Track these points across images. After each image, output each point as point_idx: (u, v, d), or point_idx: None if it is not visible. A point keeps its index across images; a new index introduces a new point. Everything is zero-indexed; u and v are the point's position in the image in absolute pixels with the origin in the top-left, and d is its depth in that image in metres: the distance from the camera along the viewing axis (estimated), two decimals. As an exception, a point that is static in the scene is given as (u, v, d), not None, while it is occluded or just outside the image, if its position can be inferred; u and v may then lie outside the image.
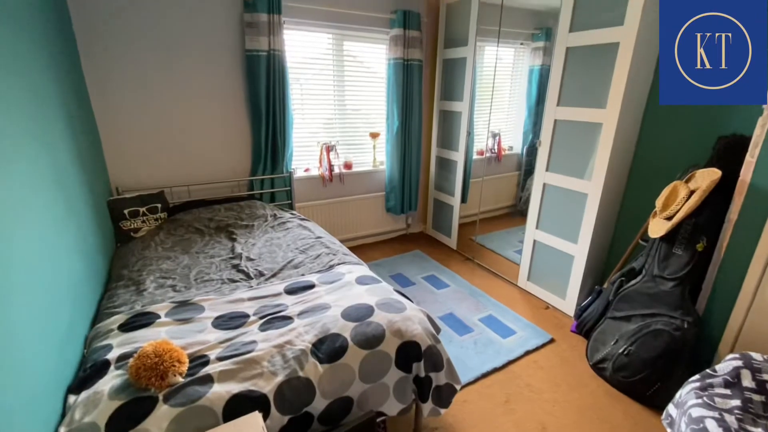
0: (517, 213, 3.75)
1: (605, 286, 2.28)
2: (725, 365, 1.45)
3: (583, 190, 2.37)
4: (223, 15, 2.61)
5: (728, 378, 1.41)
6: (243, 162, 2.96)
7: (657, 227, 1.91)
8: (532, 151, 2.84)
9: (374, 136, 3.49)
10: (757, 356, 1.43)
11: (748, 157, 1.67)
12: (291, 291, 1.77)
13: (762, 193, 1.63)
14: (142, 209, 2.42)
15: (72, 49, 2.16)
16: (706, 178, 1.77)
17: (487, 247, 3.44)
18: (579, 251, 2.46)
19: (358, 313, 1.55)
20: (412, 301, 1.76)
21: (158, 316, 1.54)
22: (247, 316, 1.57)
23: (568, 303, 2.59)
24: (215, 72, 2.69)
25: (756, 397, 1.34)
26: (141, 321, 1.50)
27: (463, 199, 3.53)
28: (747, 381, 1.38)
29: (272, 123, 2.84)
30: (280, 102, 2.82)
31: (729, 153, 1.81)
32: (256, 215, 2.63)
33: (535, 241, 2.77)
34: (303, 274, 1.94)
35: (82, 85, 2.26)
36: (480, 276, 3.17)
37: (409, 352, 1.50)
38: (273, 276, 1.94)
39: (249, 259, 2.11)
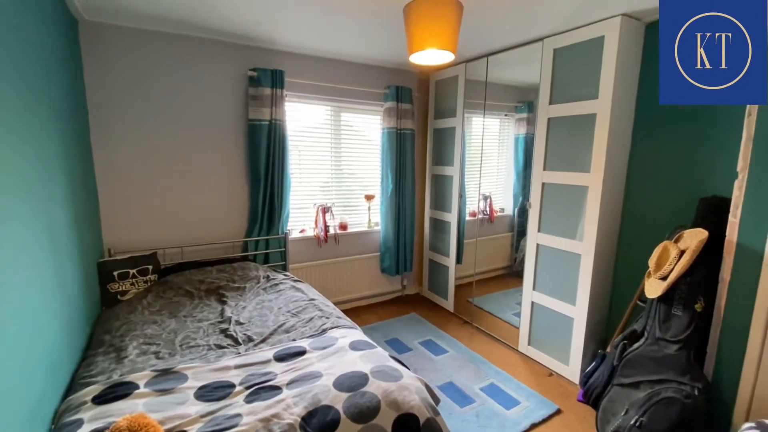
0: (513, 274, 3.71)
1: (608, 349, 2.20)
2: (744, 437, 1.36)
3: (576, 251, 2.39)
4: (230, 89, 2.82)
5: (750, 452, 1.31)
6: (239, 223, 2.99)
7: (653, 287, 1.90)
8: (522, 212, 2.91)
9: (369, 198, 3.58)
10: (776, 426, 1.34)
11: (731, 218, 1.72)
12: (281, 358, 1.68)
13: (750, 252, 1.66)
14: (132, 271, 2.38)
15: (82, 115, 2.28)
16: (694, 237, 1.80)
17: (485, 310, 3.36)
18: (578, 313, 2.41)
19: (351, 382, 1.46)
20: (409, 369, 1.67)
21: (137, 387, 1.43)
22: (233, 385, 1.48)
23: (572, 369, 2.47)
24: (218, 139, 2.82)
25: (783, 475, 1.23)
26: (118, 392, 1.39)
27: (458, 260, 3.52)
28: (771, 455, 1.28)
29: (270, 186, 2.92)
30: (279, 167, 2.92)
31: (712, 213, 1.87)
32: (248, 277, 2.59)
33: (533, 303, 2.72)
34: (294, 339, 1.86)
35: (88, 147, 2.35)
36: (479, 341, 3.06)
37: (406, 426, 1.39)
38: (262, 341, 1.85)
39: (238, 323, 2.03)
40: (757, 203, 1.63)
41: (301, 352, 1.72)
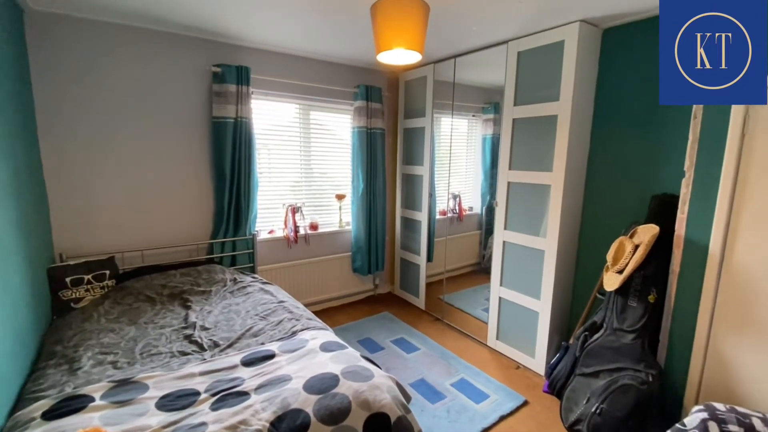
0: (481, 271, 3.81)
1: (571, 341, 2.30)
2: (693, 418, 1.45)
3: (540, 247, 2.48)
4: (193, 85, 2.71)
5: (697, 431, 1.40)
6: (204, 225, 2.88)
7: (611, 281, 2.00)
8: (490, 211, 2.98)
9: (340, 197, 3.55)
10: (720, 406, 1.44)
11: (679, 214, 1.84)
12: (249, 362, 1.64)
13: (697, 245, 1.78)
14: (87, 277, 2.24)
15: (28, 111, 2.12)
16: (647, 233, 1.92)
17: (456, 306, 3.42)
18: (543, 307, 2.50)
19: (321, 384, 1.44)
20: (380, 368, 1.68)
21: (92, 399, 1.35)
22: (198, 393, 1.42)
23: (537, 361, 2.57)
24: (180, 137, 2.71)
25: (726, 451, 1.33)
26: (71, 406, 1.31)
27: (429, 258, 3.57)
28: (715, 434, 1.38)
29: (237, 186, 2.84)
30: (246, 166, 2.84)
31: (663, 210, 1.99)
32: (214, 280, 2.50)
33: (500, 298, 2.80)
34: (263, 343, 1.82)
35: (35, 145, 2.19)
36: (450, 337, 3.11)
37: (377, 426, 1.39)
38: (229, 346, 1.80)
39: (203, 328, 1.96)
40: (703, 200, 1.76)
41: (270, 356, 1.68)
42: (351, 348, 1.79)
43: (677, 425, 1.47)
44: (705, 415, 1.43)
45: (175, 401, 1.37)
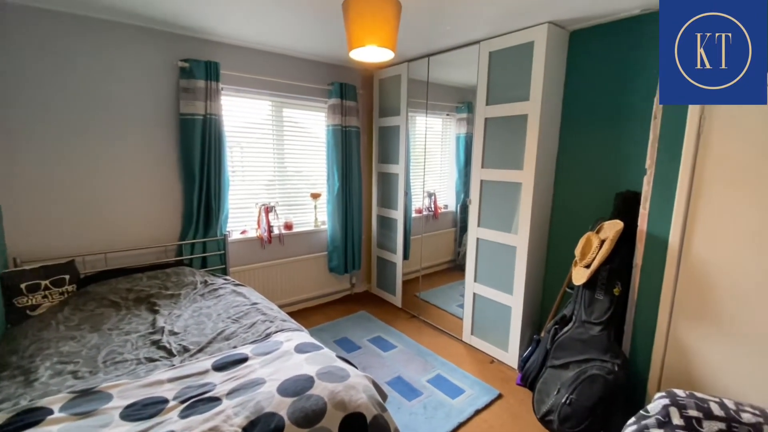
0: (456, 267, 3.86)
1: (542, 335, 2.36)
2: (655, 405, 1.52)
3: (512, 243, 2.54)
4: (159, 80, 2.60)
5: (660, 417, 1.47)
6: (172, 225, 2.78)
7: (579, 275, 2.07)
8: (464, 208, 3.03)
9: (315, 196, 3.51)
10: (680, 392, 1.52)
11: (641, 210, 1.93)
12: (220, 367, 1.59)
13: (658, 239, 1.87)
14: (45, 282, 2.11)
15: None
16: (612, 228, 2.00)
17: (431, 303, 3.45)
18: (515, 302, 2.56)
19: (296, 387, 1.42)
20: (356, 368, 1.67)
21: (50, 412, 1.28)
22: (166, 401, 1.37)
23: (511, 355, 2.63)
24: (145, 134, 2.59)
25: (686, 435, 1.40)
26: (27, 420, 1.23)
27: (406, 256, 3.59)
28: (676, 419, 1.45)
29: (206, 185, 2.75)
30: (216, 164, 2.76)
31: (626, 206, 2.08)
32: (183, 283, 2.42)
33: (474, 294, 2.85)
34: (235, 346, 1.77)
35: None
36: (426, 334, 3.13)
37: (353, 426, 1.38)
38: (200, 351, 1.74)
39: (172, 333, 1.89)
40: (663, 197, 1.84)
41: (243, 360, 1.64)
42: (327, 348, 1.77)
43: (641, 412, 1.54)
44: (666, 401, 1.50)
45: (142, 410, 1.32)
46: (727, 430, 1.39)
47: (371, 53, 1.75)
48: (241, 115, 3.07)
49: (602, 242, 2.03)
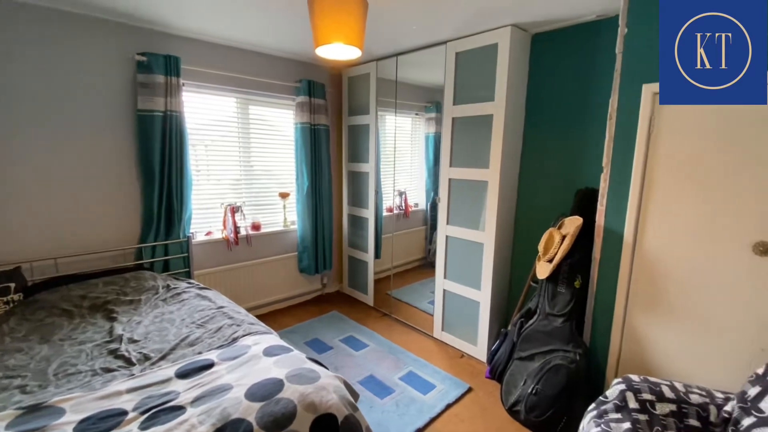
0: (427, 265, 3.92)
1: (509, 328, 2.44)
2: (613, 390, 1.60)
3: (480, 240, 2.60)
4: (113, 75, 2.46)
5: (617, 402, 1.55)
6: (131, 228, 2.64)
7: (542, 269, 2.16)
8: (434, 207, 3.07)
9: (284, 195, 3.44)
10: (635, 378, 1.61)
11: (599, 206, 2.03)
12: (184, 374, 1.53)
13: (614, 234, 1.98)
14: (-14, 292, 1.95)
15: None
16: (572, 224, 2.09)
17: (403, 301, 3.48)
18: (483, 297, 2.63)
19: (264, 391, 1.39)
20: (327, 368, 1.65)
21: (-8, 432, 1.18)
22: (125, 413, 1.30)
23: (480, 349, 2.70)
24: (99, 131, 2.44)
25: (641, 417, 1.49)
26: (-37, 443, 1.13)
27: (377, 255, 3.59)
28: (632, 403, 1.54)
29: (167, 185, 2.63)
30: (178, 163, 2.65)
31: (585, 202, 2.18)
32: (144, 288, 2.30)
33: (444, 290, 2.90)
34: (200, 352, 1.71)
35: None
36: (398, 331, 3.15)
37: (325, 427, 1.37)
38: (162, 358, 1.67)
39: (132, 341, 1.80)
40: (618, 193, 1.95)
41: (209, 365, 1.59)
42: (297, 351, 1.74)
43: (600, 398, 1.62)
44: (623, 386, 1.59)
45: (97, 424, 1.24)
46: (678, 411, 1.49)
47: (338, 51, 1.74)
48: (205, 112, 2.96)
49: (563, 237, 2.12)
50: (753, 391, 1.43)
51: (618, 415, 1.51)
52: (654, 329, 1.90)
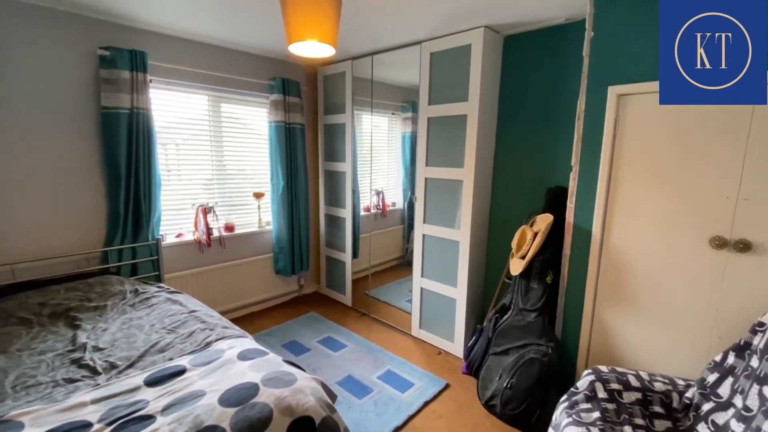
0: (405, 264, 3.93)
1: (485, 324, 2.48)
2: (583, 381, 1.66)
3: (455, 238, 2.63)
4: (74, 70, 2.33)
5: (587, 393, 1.61)
6: (96, 230, 2.51)
7: (515, 266, 2.21)
8: (411, 206, 3.09)
9: (258, 196, 3.38)
10: (604, 369, 1.68)
11: (569, 204, 2.09)
12: (154, 382, 1.47)
13: (583, 231, 2.05)
14: (-68, 302, 1.81)
15: None
16: (544, 221, 2.15)
17: (381, 300, 3.49)
18: (459, 294, 2.66)
19: (239, 396, 1.36)
20: (304, 370, 1.63)
21: (-60, 452, 1.10)
22: (89, 425, 1.24)
23: (457, 345, 2.73)
24: (59, 129, 2.32)
25: (610, 406, 1.55)
26: None
27: (355, 255, 3.58)
28: (601, 392, 1.60)
29: (134, 185, 2.52)
30: (145, 163, 2.55)
31: (556, 200, 2.25)
32: (110, 293, 2.21)
33: (422, 289, 2.92)
34: (171, 358, 1.65)
35: None
36: (376, 330, 3.16)
37: (301, 430, 1.35)
38: (130, 366, 1.60)
39: (97, 349, 1.72)
40: (586, 192, 2.02)
41: (180, 372, 1.53)
42: (273, 354, 1.71)
43: (571, 389, 1.68)
44: (592, 377, 1.65)
45: (59, 438, 1.18)
46: (643, 399, 1.56)
47: (312, 48, 1.71)
48: (175, 110, 2.86)
49: (535, 235, 2.18)
50: (711, 378, 1.51)
51: (588, 405, 1.57)
52: (621, 321, 1.98)
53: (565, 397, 1.65)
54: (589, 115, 1.97)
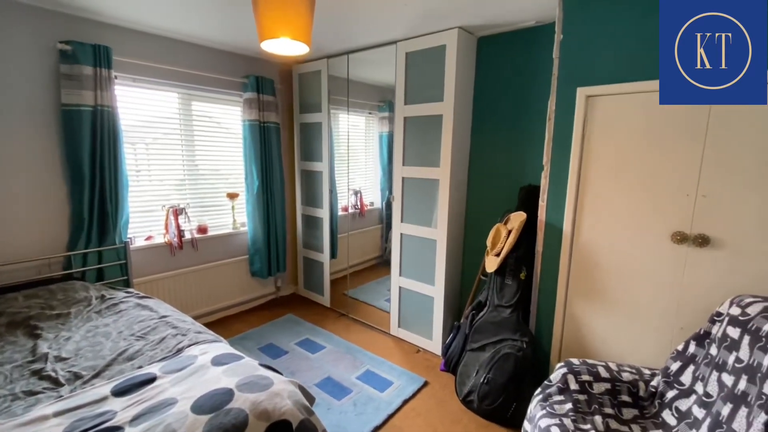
0: (384, 263, 3.94)
1: (462, 321, 2.52)
2: (556, 374, 1.71)
3: (432, 237, 2.66)
4: (31, 64, 2.20)
5: (560, 385, 1.66)
6: (57, 234, 2.39)
7: (490, 263, 2.25)
8: (389, 205, 3.09)
9: (232, 196, 3.30)
10: (575, 361, 1.73)
11: (540, 202, 2.15)
12: (122, 391, 1.41)
13: (554, 228, 2.11)
14: None
15: None
16: (517, 219, 2.20)
17: (360, 300, 3.48)
18: (437, 292, 2.69)
19: (213, 402, 1.32)
20: (281, 374, 1.61)
21: None
22: (51, 439, 1.18)
23: (435, 343, 2.76)
24: (12, 127, 2.18)
25: (581, 397, 1.60)
26: None
27: (333, 255, 3.55)
28: (573, 384, 1.65)
29: (100, 187, 2.42)
30: (111, 163, 2.44)
31: (528, 198, 2.31)
32: (73, 300, 2.10)
33: (400, 288, 2.93)
34: (140, 366, 1.59)
35: None
36: (355, 331, 3.14)
37: (278, 434, 1.33)
38: (95, 376, 1.53)
39: (60, 359, 1.63)
40: (557, 190, 2.08)
41: (150, 380, 1.48)
42: (248, 358, 1.67)
43: (545, 381, 1.72)
44: (565, 369, 1.70)
45: (18, 454, 1.11)
46: (612, 389, 1.62)
47: (285, 46, 1.68)
48: (144, 108, 2.76)
49: (509, 232, 2.22)
50: (674, 366, 1.59)
51: (561, 397, 1.62)
52: (591, 315, 2.05)
53: (539, 390, 1.69)
54: (560, 115, 2.03)
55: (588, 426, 1.48)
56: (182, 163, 3.01)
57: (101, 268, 2.49)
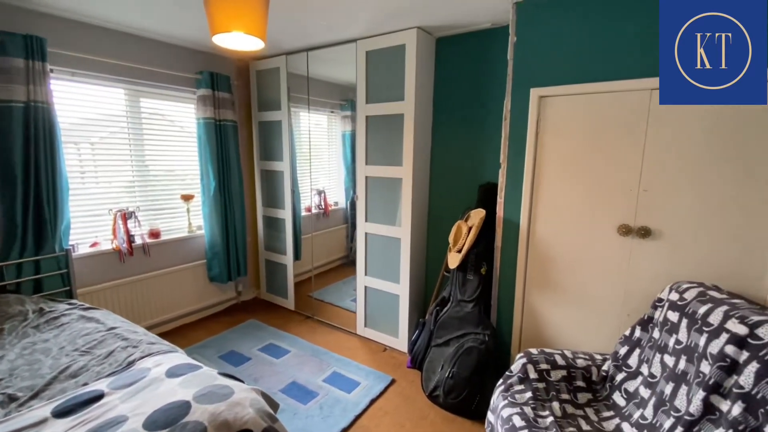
0: (349, 263, 3.91)
1: (427, 317, 2.55)
2: (517, 365, 1.78)
3: (397, 235, 2.67)
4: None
5: (520, 375, 1.72)
6: (-15, 244, 2.16)
7: (453, 260, 2.30)
8: (354, 205, 3.07)
9: (187, 198, 3.14)
10: (534, 351, 1.80)
11: (498, 199, 2.22)
12: (64, 412, 1.30)
13: (512, 224, 2.18)
14: None
15: None
16: (477, 216, 2.26)
17: (326, 301, 3.43)
18: (402, 290, 2.71)
19: (167, 417, 1.25)
20: (243, 382, 1.55)
21: None
22: (-21, 471, 1.06)
23: (401, 340, 2.78)
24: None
25: (540, 385, 1.67)
26: None
27: (297, 257, 3.48)
28: (532, 373, 1.71)
29: (35, 191, 2.21)
30: (48, 164, 2.24)
31: (487, 196, 2.38)
32: (7, 315, 1.91)
33: (366, 287, 2.93)
34: (85, 383, 1.47)
35: None
36: (321, 333, 3.10)
37: (240, 444, 1.28)
38: (33, 397, 1.40)
39: (-10, 381, 1.48)
40: (514, 187, 2.15)
41: (97, 397, 1.37)
42: (207, 367, 1.60)
43: (507, 372, 1.78)
44: (524, 360, 1.77)
45: (-63, 492, 0.99)
46: (568, 375, 1.71)
47: (239, 41, 1.62)
48: (86, 105, 2.56)
49: (470, 229, 2.28)
50: (622, 351, 1.70)
51: (521, 387, 1.68)
52: (548, 306, 2.14)
53: (501, 380, 1.75)
54: (515, 115, 2.10)
55: (547, 413, 1.55)
56: (131, 164, 2.83)
57: (39, 279, 2.28)
